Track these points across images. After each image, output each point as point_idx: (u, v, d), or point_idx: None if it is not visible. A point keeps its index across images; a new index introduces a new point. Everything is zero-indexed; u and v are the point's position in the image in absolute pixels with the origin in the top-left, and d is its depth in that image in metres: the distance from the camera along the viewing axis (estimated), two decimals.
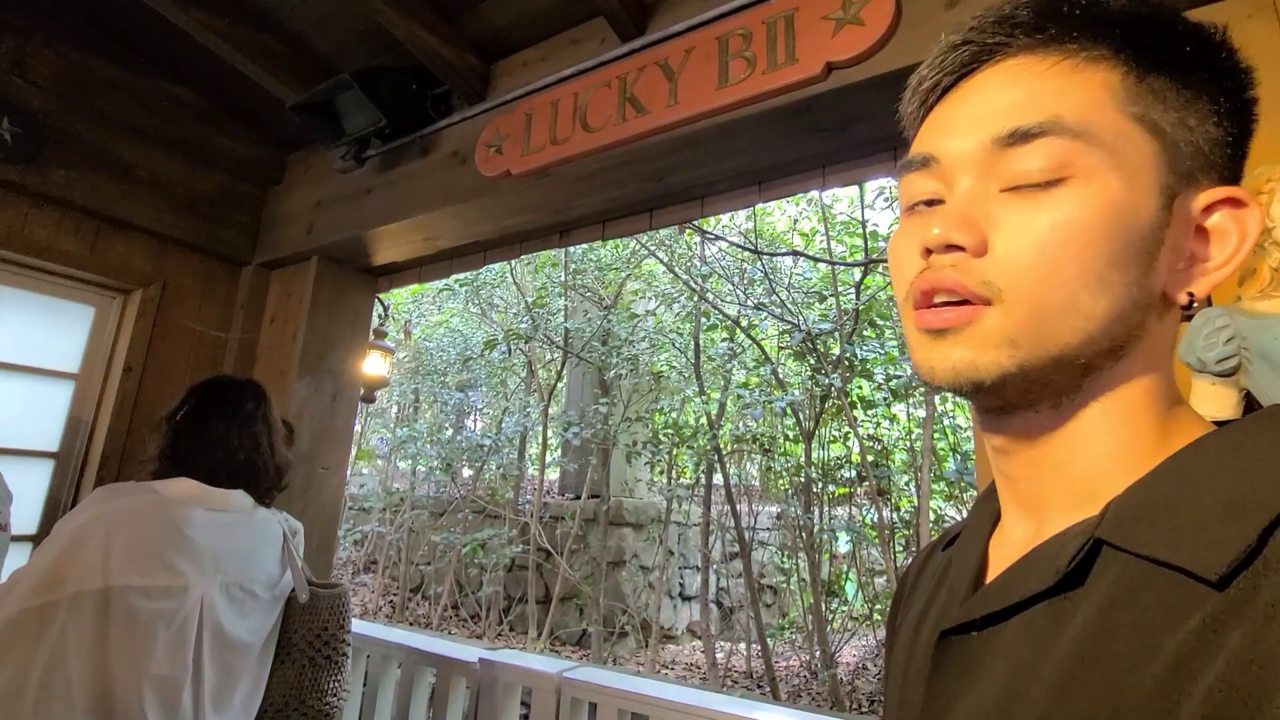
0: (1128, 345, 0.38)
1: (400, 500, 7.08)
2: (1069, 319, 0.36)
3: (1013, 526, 0.43)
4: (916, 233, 0.40)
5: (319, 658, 1.26)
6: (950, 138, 0.41)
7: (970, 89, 0.41)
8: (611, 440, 5.62)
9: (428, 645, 1.98)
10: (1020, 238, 0.37)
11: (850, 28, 1.41)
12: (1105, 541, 0.34)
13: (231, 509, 1.15)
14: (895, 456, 4.93)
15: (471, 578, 6.29)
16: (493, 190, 2.01)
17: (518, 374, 7.02)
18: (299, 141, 2.67)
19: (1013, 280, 0.37)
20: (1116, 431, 0.38)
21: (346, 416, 2.69)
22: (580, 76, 1.85)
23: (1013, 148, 0.38)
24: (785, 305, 4.73)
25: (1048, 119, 0.37)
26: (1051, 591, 0.35)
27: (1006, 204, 0.38)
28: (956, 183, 0.40)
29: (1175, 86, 0.38)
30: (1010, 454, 0.42)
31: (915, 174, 0.42)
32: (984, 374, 0.37)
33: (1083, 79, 0.38)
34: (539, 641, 5.43)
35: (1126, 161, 0.37)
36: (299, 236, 2.55)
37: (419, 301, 7.50)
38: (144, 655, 0.98)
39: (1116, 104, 0.37)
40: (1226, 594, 0.29)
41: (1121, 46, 0.38)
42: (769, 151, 1.71)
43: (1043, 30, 0.39)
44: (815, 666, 4.52)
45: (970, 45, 0.41)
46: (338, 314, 2.64)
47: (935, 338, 0.39)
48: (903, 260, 0.42)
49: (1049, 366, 0.37)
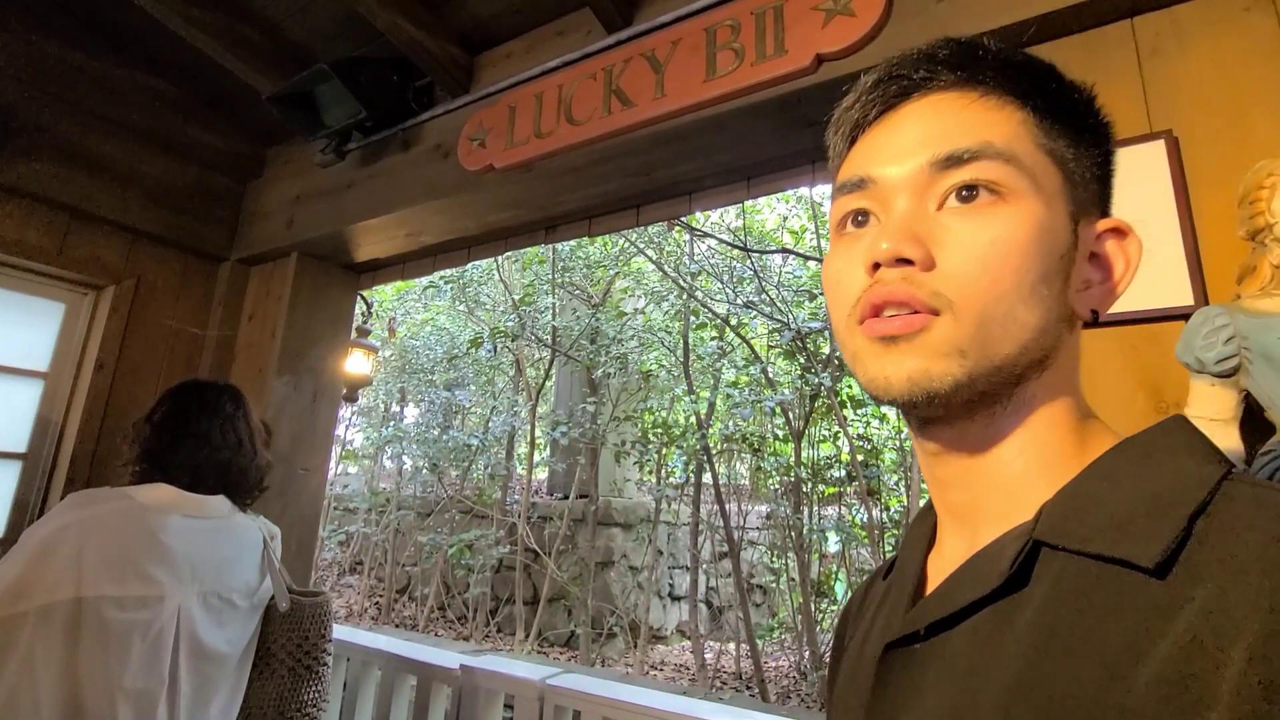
0: (1049, 357, 0.41)
1: (386, 501, 6.99)
2: (1008, 329, 0.39)
3: (949, 540, 0.45)
4: (858, 251, 0.43)
5: (299, 668, 1.22)
6: (885, 163, 0.43)
7: (899, 119, 0.44)
8: (600, 440, 5.58)
9: (408, 651, 1.94)
10: (964, 251, 0.39)
11: (841, 19, 1.37)
12: (1043, 542, 0.36)
13: (209, 515, 1.11)
14: (884, 456, 4.92)
15: (458, 579, 6.23)
16: (476, 185, 1.96)
17: (505, 373, 6.95)
18: (278, 134, 2.61)
19: (960, 291, 0.39)
20: (1040, 440, 0.41)
21: (328, 416, 2.63)
22: (565, 69, 1.80)
23: (949, 170, 0.41)
24: (775, 304, 4.70)
25: (980, 144, 0.41)
26: (995, 596, 0.37)
27: (946, 222, 0.41)
28: (892, 203, 0.42)
29: (1068, 131, 0.43)
30: (945, 461, 0.44)
31: (849, 195, 0.45)
32: (938, 383, 0.39)
33: (1003, 115, 0.42)
34: (527, 643, 5.38)
35: (1044, 188, 0.41)
36: (278, 232, 2.48)
37: (404, 299, 7.42)
38: (118, 668, 0.93)
39: (1031, 137, 0.42)
40: (1166, 581, 0.31)
41: (1029, 91, 0.43)
42: (758, 146, 1.68)
43: (963, 69, 0.43)
44: (804, 667, 4.50)
45: (900, 79, 0.44)
46: (318, 311, 2.58)
47: (887, 346, 0.40)
48: (843, 278, 0.44)
49: (991, 375, 0.39)
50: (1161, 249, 1.07)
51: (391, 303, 7.17)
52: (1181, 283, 1.04)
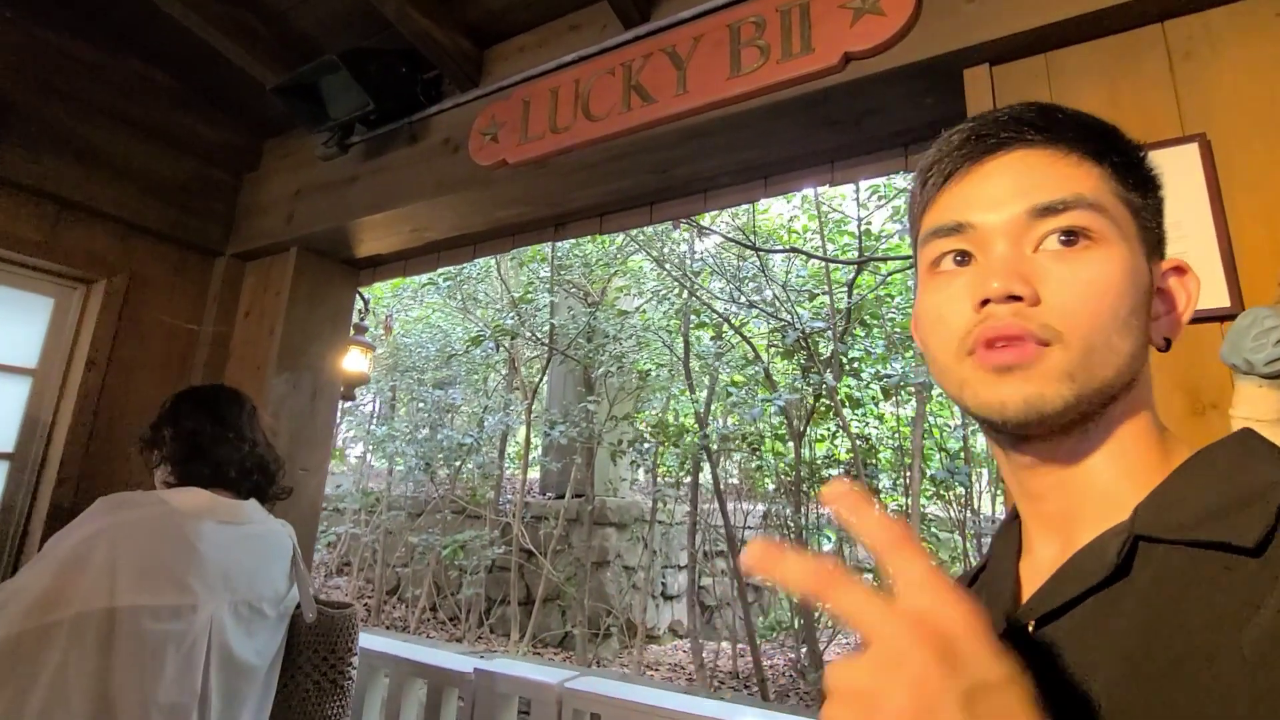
0: (1135, 379, 0.46)
1: (376, 501, 6.89)
2: (1108, 356, 0.44)
3: (1040, 547, 0.50)
4: (959, 288, 0.47)
5: (324, 681, 1.18)
6: (982, 210, 0.47)
7: (990, 171, 0.48)
8: (596, 439, 5.55)
9: (418, 655, 1.90)
10: (1067, 289, 0.44)
11: (870, 17, 1.36)
12: (1142, 537, 0.41)
13: (242, 520, 1.07)
14: (881, 455, 4.95)
15: (451, 579, 6.16)
16: (487, 180, 1.93)
17: (499, 371, 6.88)
18: (276, 126, 2.55)
19: (1067, 323, 0.43)
20: (1128, 452, 0.46)
21: (326, 415, 2.57)
22: (582, 63, 1.78)
23: (1045, 218, 0.45)
24: (778, 302, 4.70)
25: (1074, 195, 0.45)
26: (1100, 585, 0.42)
27: (1045, 263, 0.45)
28: (991, 246, 0.47)
29: (1137, 181, 0.48)
30: (1038, 474, 0.48)
31: (947, 238, 0.49)
32: (1050, 405, 0.43)
33: (1085, 169, 0.47)
34: (521, 644, 5.33)
35: (1126, 233, 0.46)
36: (277, 226, 2.43)
37: (399, 296, 7.30)
38: (152, 681, 0.89)
39: (1111, 189, 0.47)
40: (1263, 558, 0.36)
41: (1103, 150, 0.48)
42: (779, 145, 1.67)
43: (1047, 131, 0.48)
44: (802, 666, 4.51)
45: (989, 137, 0.48)
46: (318, 307, 2.52)
47: (1002, 375, 0.44)
48: (945, 313, 0.48)
49: (1094, 396, 0.44)
50: (1196, 251, 1.07)
51: (387, 299, 7.06)
52: (1217, 284, 1.04)
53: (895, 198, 4.52)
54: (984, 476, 5.16)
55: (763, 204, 5.05)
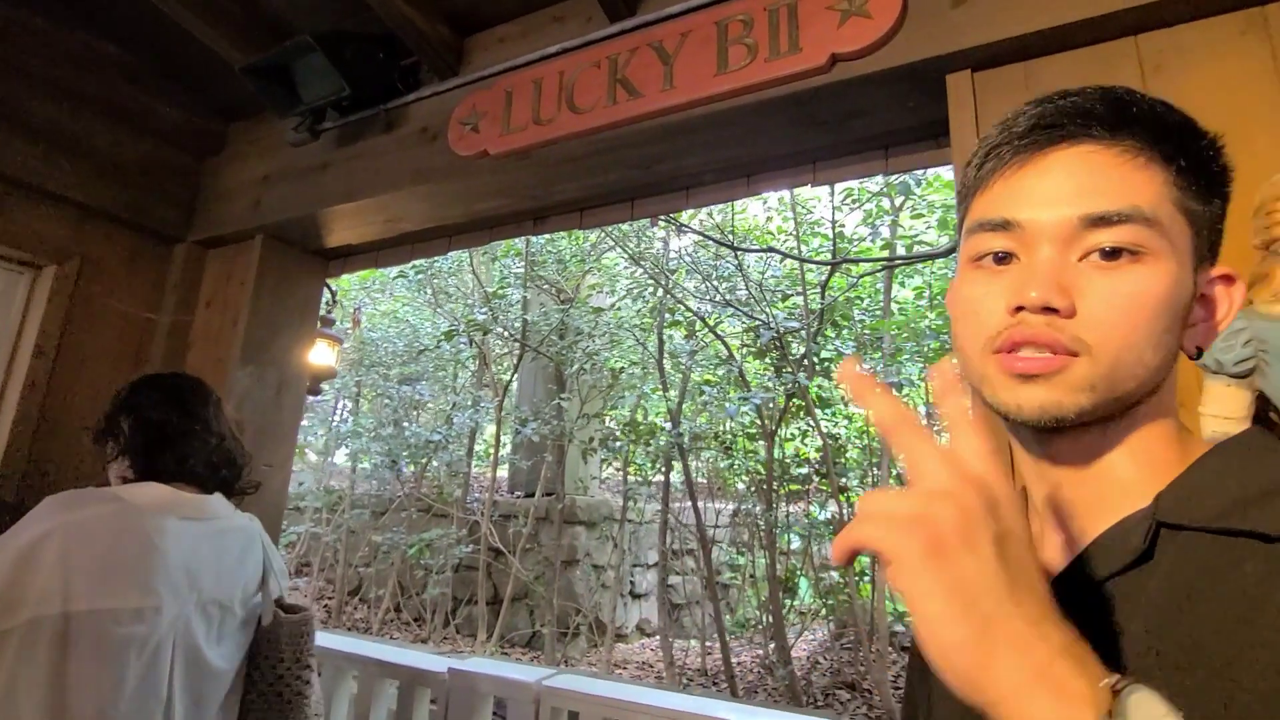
0: (1159, 387, 0.47)
1: (338, 499, 6.71)
2: (1134, 370, 0.44)
3: (1050, 535, 0.51)
4: (999, 287, 0.47)
5: (270, 694, 1.10)
6: (1033, 209, 0.46)
7: (1048, 165, 0.46)
8: (568, 437, 5.50)
9: (388, 655, 1.85)
10: (1105, 304, 0.44)
11: (856, 19, 1.38)
12: (1164, 524, 0.43)
13: (208, 516, 1.01)
14: (849, 454, 5.05)
15: (416, 579, 6.04)
16: (466, 171, 1.89)
17: (468, 368, 6.77)
18: (242, 109, 2.45)
19: (1099, 337, 0.44)
20: (1148, 450, 0.47)
21: (292, 410, 2.49)
22: (566, 55, 1.76)
23: (1097, 228, 0.44)
24: (754, 301, 4.74)
25: (1129, 207, 0.44)
26: (1123, 570, 0.43)
27: (1088, 273, 0.45)
28: (1036, 248, 0.46)
29: (1200, 184, 0.46)
30: (1057, 464, 0.49)
31: (992, 234, 0.48)
32: (1067, 411, 0.44)
33: (1148, 175, 0.45)
34: (489, 644, 5.26)
35: (1178, 246, 0.45)
36: (243, 213, 2.34)
37: (367, 288, 7.11)
38: (110, 690, 0.83)
39: (1171, 198, 0.45)
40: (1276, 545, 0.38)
41: (1172, 149, 0.46)
42: (763, 144, 1.67)
43: (1116, 128, 0.46)
44: (770, 662, 4.57)
45: (1050, 129, 0.46)
46: (284, 298, 2.44)
47: (1024, 381, 0.45)
48: (979, 309, 0.48)
49: (1111, 404, 0.45)
50: None
51: (354, 292, 6.87)
52: None
53: (868, 201, 4.61)
54: None
55: (740, 204, 5.09)
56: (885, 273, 4.86)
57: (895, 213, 4.69)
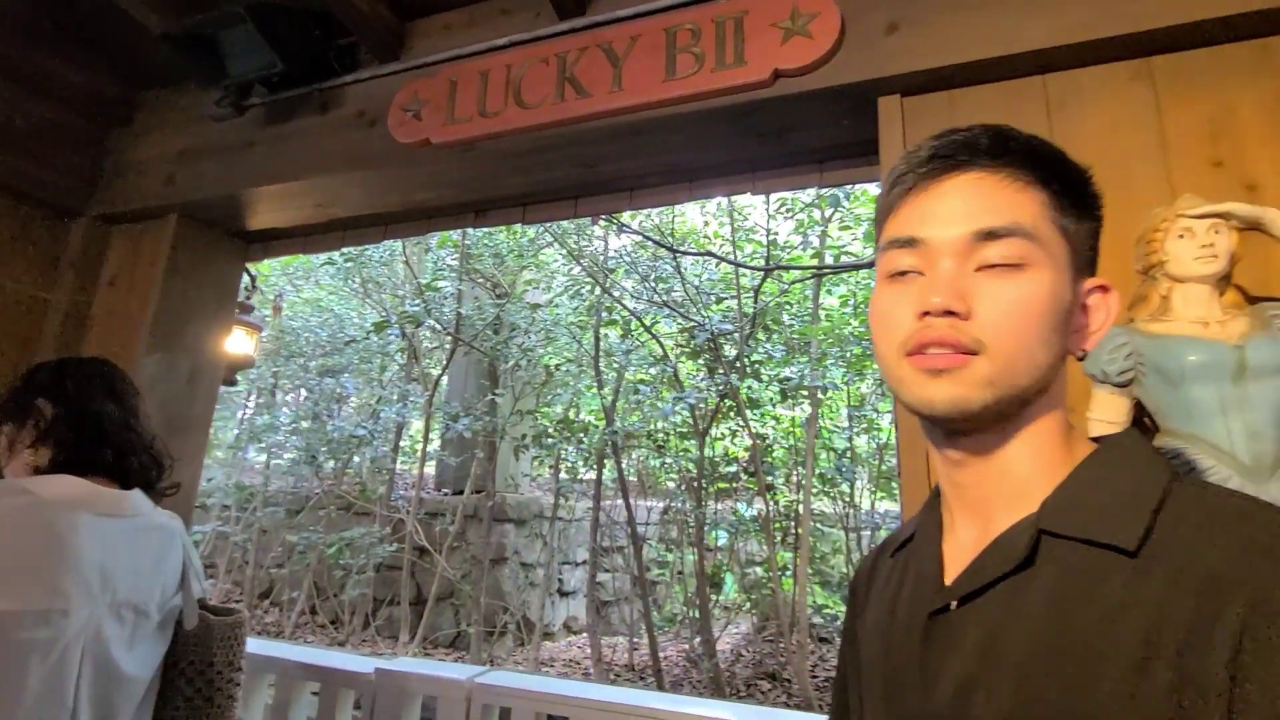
0: (1050, 385, 0.53)
1: (250, 496, 6.31)
2: (1027, 367, 0.50)
3: (963, 528, 0.56)
4: (908, 297, 0.53)
5: (199, 699, 1.05)
6: (932, 226, 0.53)
7: (945, 190, 0.54)
8: (500, 433, 5.42)
9: (309, 656, 1.79)
10: (997, 307, 0.50)
11: (799, 38, 1.45)
12: (1045, 531, 0.49)
13: (127, 513, 0.94)
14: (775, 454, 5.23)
15: (334, 580, 5.77)
16: (406, 159, 1.84)
17: (397, 361, 6.53)
18: (157, 77, 2.29)
19: (994, 338, 0.50)
20: (1039, 449, 0.53)
21: (205, 401, 2.35)
22: (515, 48, 1.75)
23: (987, 241, 0.51)
24: (689, 303, 4.83)
25: (1013, 223, 0.51)
26: (1012, 572, 0.49)
27: (982, 281, 0.51)
28: (938, 261, 0.53)
29: (1073, 206, 0.54)
30: (964, 465, 0.55)
31: (900, 250, 0.55)
32: (973, 405, 0.50)
33: (1028, 196, 0.53)
34: (411, 645, 5.11)
35: (1056, 258, 0.52)
36: (155, 189, 2.18)
37: (290, 274, 6.71)
38: (10, 700, 0.76)
39: (1048, 216, 0.53)
40: (1138, 558, 0.44)
41: (1044, 173, 0.53)
42: (706, 151, 1.72)
43: (999, 157, 0.53)
44: (695, 655, 4.67)
45: (945, 159, 0.54)
46: (199, 282, 2.29)
47: (933, 376, 0.51)
48: (890, 319, 0.54)
49: (1011, 400, 0.51)
50: None
51: (275, 277, 6.46)
52: None
53: (800, 211, 4.80)
54: (865, 475, 5.60)
55: (679, 208, 5.16)
56: (814, 280, 5.08)
57: (825, 224, 4.91)
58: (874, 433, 5.60)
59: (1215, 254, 0.97)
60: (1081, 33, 1.30)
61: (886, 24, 1.42)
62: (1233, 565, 0.41)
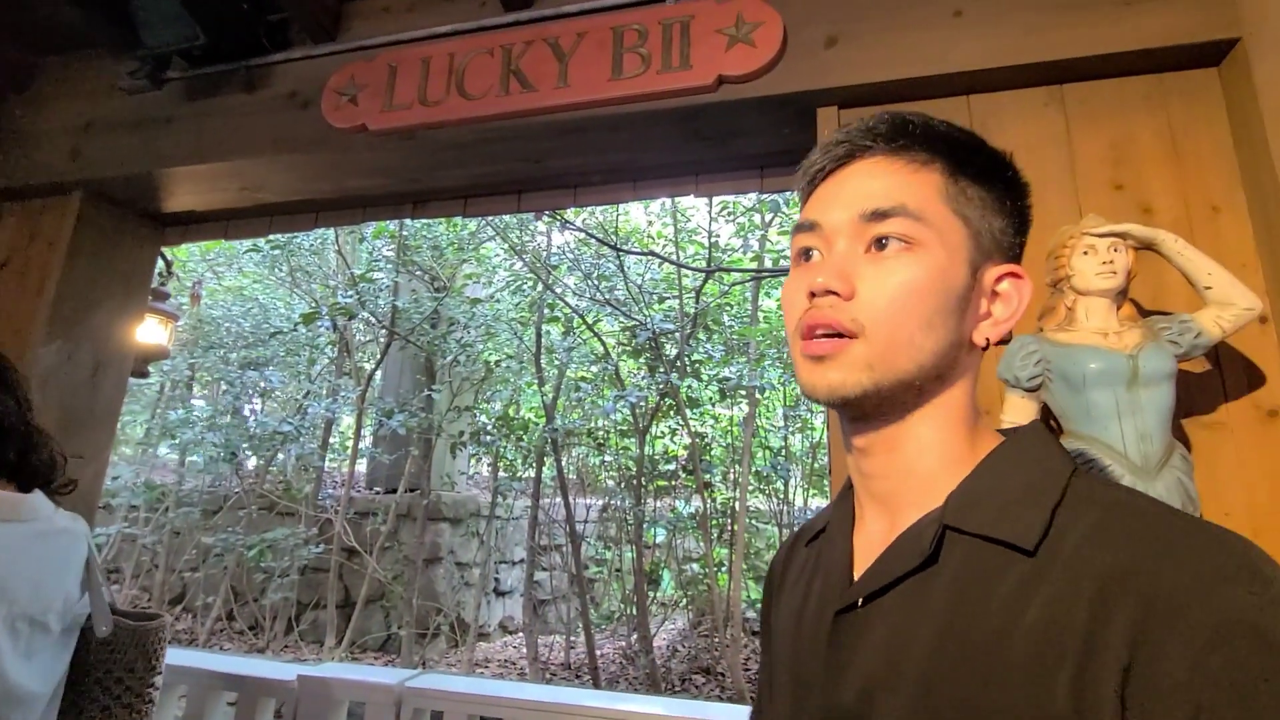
0: (948, 374, 0.52)
1: (162, 496, 5.90)
2: (909, 351, 0.50)
3: (871, 520, 0.56)
4: (804, 280, 0.53)
5: (117, 707, 0.99)
6: (830, 211, 0.54)
7: (845, 176, 0.55)
8: (436, 430, 5.27)
9: (225, 665, 1.69)
10: (878, 288, 0.50)
11: (742, 46, 1.48)
12: (949, 527, 0.48)
13: (26, 517, 0.86)
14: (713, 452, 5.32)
15: (254, 584, 5.47)
16: (341, 144, 1.77)
17: (326, 354, 6.24)
18: (60, 41, 2.10)
19: (872, 319, 0.50)
20: (943, 441, 0.53)
21: (112, 393, 2.18)
22: (458, 37, 1.71)
23: (873, 222, 0.52)
24: (632, 302, 4.85)
25: (897, 204, 0.51)
26: (917, 569, 0.48)
27: (868, 262, 0.51)
28: (834, 243, 0.53)
29: (979, 191, 0.53)
30: (868, 455, 0.54)
31: (803, 234, 0.56)
32: (850, 389, 0.50)
33: (920, 178, 0.52)
34: (337, 650, 4.91)
35: (948, 241, 0.51)
36: (56, 162, 2.01)
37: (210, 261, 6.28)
38: None
39: (942, 199, 0.52)
40: (1036, 556, 0.44)
41: (946, 159, 0.53)
42: (651, 151, 1.74)
43: (895, 141, 0.53)
44: (632, 652, 4.70)
45: (846, 144, 0.55)
46: (107, 266, 2.13)
47: (816, 362, 0.51)
48: (793, 299, 0.55)
49: (895, 386, 0.50)
50: None
51: (194, 263, 6.03)
52: None
53: (742, 215, 4.91)
54: (798, 473, 5.78)
55: (623, 206, 5.17)
56: (754, 283, 5.20)
57: (765, 228, 5.04)
58: (808, 431, 5.79)
59: (1114, 270, 1.05)
60: (1003, 57, 1.38)
61: (826, 37, 1.48)
62: (1128, 563, 0.40)
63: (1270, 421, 1.18)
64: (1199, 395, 1.21)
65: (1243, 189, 1.28)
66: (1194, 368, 1.21)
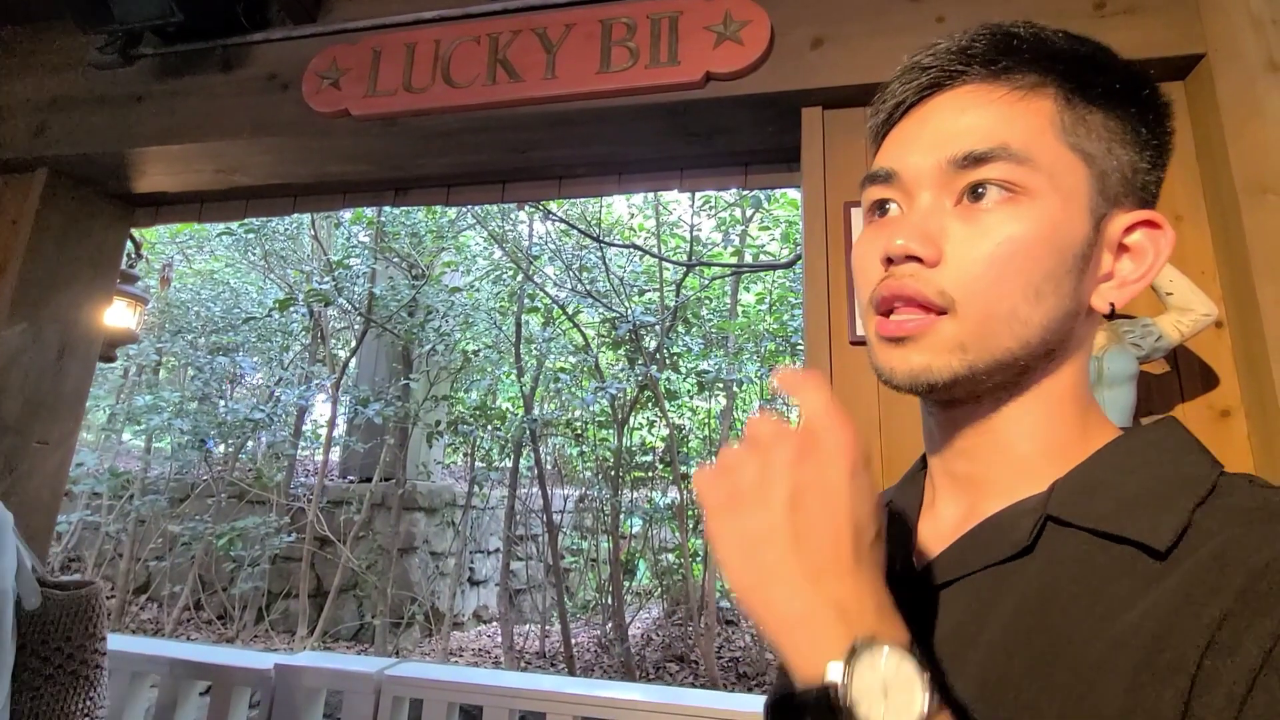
0: (1059, 350, 0.43)
1: (127, 483, 5.75)
2: (1011, 326, 0.40)
3: (945, 505, 0.48)
4: (879, 241, 0.44)
5: (60, 675, 1.00)
6: (911, 155, 0.44)
7: (929, 111, 0.45)
8: (413, 419, 5.22)
9: (199, 654, 1.68)
10: (971, 252, 0.41)
11: (730, 44, 1.49)
12: (1052, 518, 0.41)
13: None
14: (690, 444, 5.37)
15: (223, 573, 5.38)
16: (322, 129, 1.74)
17: (300, 341, 6.12)
18: (23, 11, 2.03)
19: (964, 291, 0.41)
20: (1047, 426, 0.44)
21: (79, 378, 2.13)
22: (444, 24, 1.69)
23: (966, 169, 0.42)
24: (613, 294, 4.85)
25: (997, 145, 0.41)
26: (1005, 560, 0.41)
27: (959, 219, 0.42)
28: (916, 197, 0.44)
29: (1105, 119, 0.43)
30: (954, 437, 0.46)
31: (878, 186, 0.46)
32: (938, 376, 0.41)
33: (1026, 108, 0.42)
34: (309, 640, 4.86)
35: (1063, 185, 0.41)
36: (20, 139, 1.94)
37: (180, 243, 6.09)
38: None
39: (1055, 133, 0.42)
40: (1168, 560, 0.36)
41: (1062, 81, 0.43)
42: (637, 145, 1.74)
43: (995, 63, 0.43)
44: (607, 641, 4.74)
45: (932, 70, 0.44)
46: (73, 247, 2.07)
47: (894, 344, 0.43)
48: (866, 265, 0.45)
49: (993, 368, 0.41)
50: None
51: (164, 245, 5.84)
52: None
53: (723, 210, 4.95)
54: None
55: (606, 199, 5.17)
56: (733, 277, 5.24)
57: (746, 223, 5.08)
58: None
59: None
60: None
61: (812, 38, 1.49)
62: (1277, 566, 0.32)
63: (1223, 421, 1.24)
64: (1157, 396, 1.27)
65: (1204, 199, 1.33)
66: (1154, 369, 1.26)
